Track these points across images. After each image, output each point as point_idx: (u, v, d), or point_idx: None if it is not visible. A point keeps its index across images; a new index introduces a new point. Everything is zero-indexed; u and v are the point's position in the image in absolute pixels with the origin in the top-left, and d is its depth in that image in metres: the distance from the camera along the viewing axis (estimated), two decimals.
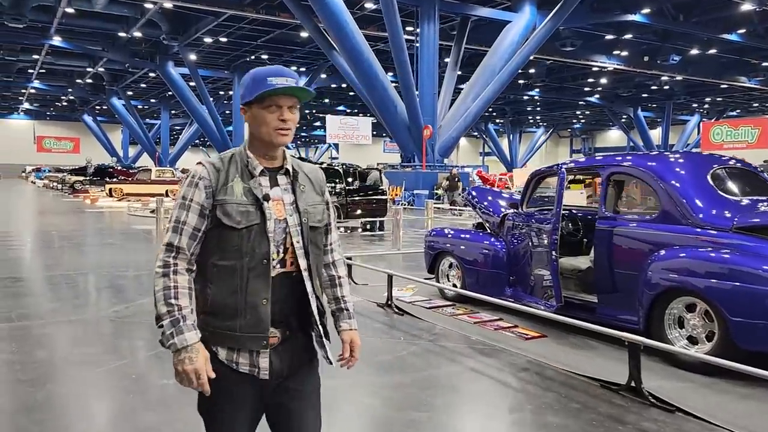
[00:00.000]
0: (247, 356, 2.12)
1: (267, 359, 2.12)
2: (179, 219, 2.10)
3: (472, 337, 6.06)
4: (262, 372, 2.12)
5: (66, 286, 8.70)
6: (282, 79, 2.12)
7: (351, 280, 8.76)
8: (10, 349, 5.59)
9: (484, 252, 7.30)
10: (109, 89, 52.57)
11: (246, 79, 2.19)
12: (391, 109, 28.25)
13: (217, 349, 2.12)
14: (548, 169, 7.16)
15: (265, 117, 2.13)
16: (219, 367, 2.10)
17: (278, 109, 2.13)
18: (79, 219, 20.54)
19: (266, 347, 2.11)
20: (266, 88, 2.10)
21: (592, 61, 40.99)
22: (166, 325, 2.03)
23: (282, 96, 2.13)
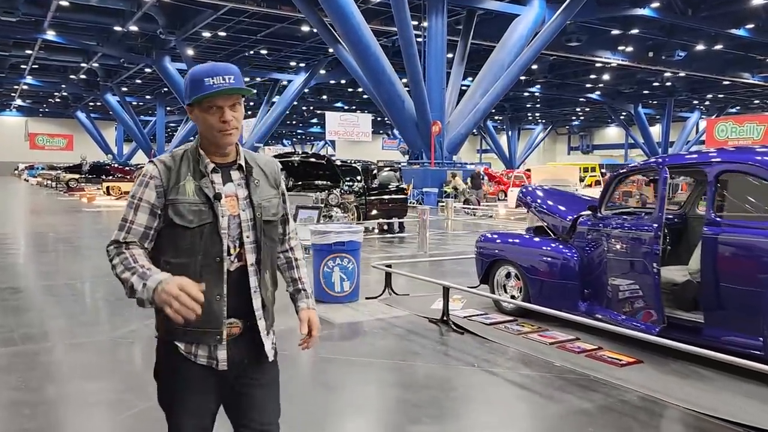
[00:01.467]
0: (205, 348, 2.14)
1: (225, 351, 2.14)
2: (126, 218, 2.11)
3: (557, 364, 5.18)
4: (220, 364, 2.14)
5: (71, 298, 7.78)
6: (218, 78, 2.08)
7: (390, 290, 7.89)
8: (15, 384, 4.69)
9: (551, 260, 6.43)
10: (103, 85, 51.47)
11: (185, 79, 2.15)
12: (398, 105, 27.39)
13: (176, 342, 2.14)
14: (637, 167, 6.27)
15: (207, 119, 2.10)
16: (179, 360, 2.14)
17: (219, 110, 2.09)
18: (76, 219, 19.56)
19: (221, 341, 2.13)
20: (203, 91, 2.07)
21: (597, 57, 40.37)
22: (135, 280, 2.00)
23: (220, 96, 2.08)
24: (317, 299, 7.63)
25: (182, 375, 2.15)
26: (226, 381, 2.19)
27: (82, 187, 34.84)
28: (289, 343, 5.75)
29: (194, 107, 2.12)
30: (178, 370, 2.15)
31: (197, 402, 2.18)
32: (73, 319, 6.72)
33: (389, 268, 8.01)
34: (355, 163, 14.81)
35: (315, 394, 4.74)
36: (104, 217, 20.45)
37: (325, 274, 7.50)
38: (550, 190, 7.72)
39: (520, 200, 7.59)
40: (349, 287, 7.59)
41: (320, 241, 7.48)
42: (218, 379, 2.17)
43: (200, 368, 2.14)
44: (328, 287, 7.52)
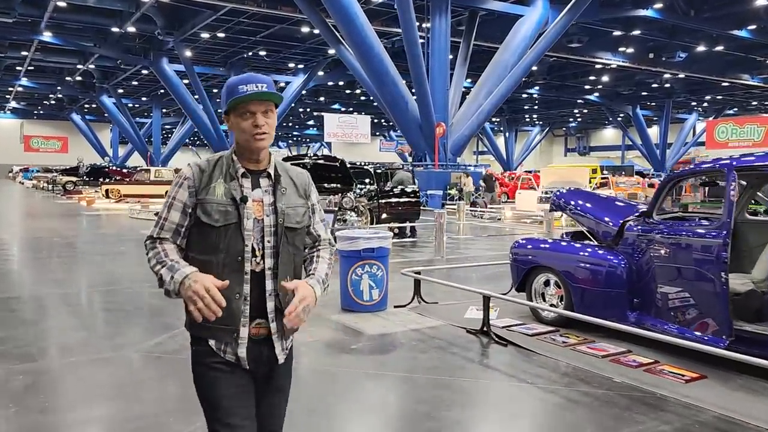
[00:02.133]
0: (231, 347, 2.23)
1: (244, 349, 2.23)
2: (161, 215, 2.27)
3: (616, 380, 4.87)
4: (242, 362, 2.24)
5: (87, 308, 7.43)
6: (251, 85, 2.22)
7: (420, 298, 7.57)
8: (40, 406, 4.34)
9: (597, 267, 6.12)
10: (99, 87, 51.00)
11: (223, 89, 2.31)
12: (401, 106, 27.08)
13: (208, 339, 2.25)
14: (698, 169, 5.96)
15: (240, 124, 2.23)
16: (209, 354, 2.25)
17: (252, 115, 2.22)
18: (78, 223, 19.18)
19: (237, 339, 2.22)
20: (237, 95, 2.21)
21: (598, 58, 40.22)
22: (164, 272, 2.14)
23: (253, 102, 2.22)
24: (345, 308, 7.35)
25: (212, 368, 2.26)
26: (256, 378, 2.31)
27: (79, 189, 34.38)
28: (330, 359, 5.44)
29: (230, 114, 2.27)
30: (208, 363, 2.26)
31: (231, 397, 2.26)
32: (93, 331, 6.38)
33: (418, 275, 7.68)
34: (367, 165, 14.44)
35: (362, 414, 4.41)
36: (106, 221, 20.06)
37: (353, 281, 7.18)
38: (588, 193, 7.43)
39: (554, 204, 7.27)
40: (378, 295, 7.27)
41: (348, 248, 7.15)
42: (247, 377, 2.28)
43: (230, 365, 2.25)
44: (356, 296, 7.19)
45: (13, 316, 7.00)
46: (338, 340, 6.08)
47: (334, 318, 6.93)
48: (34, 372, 5.05)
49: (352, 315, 7.05)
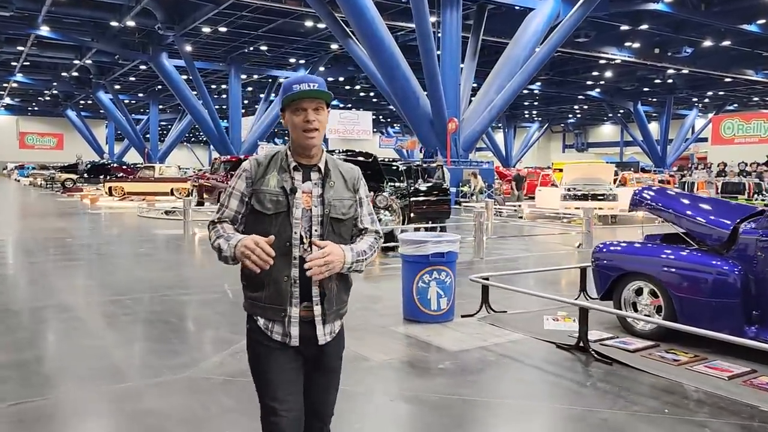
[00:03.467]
0: (280, 325, 2.44)
1: (297, 328, 2.44)
2: (223, 203, 2.54)
3: (763, 408, 4.25)
4: (292, 339, 2.44)
5: (125, 320, 6.74)
6: (304, 84, 2.44)
7: (488, 306, 6.94)
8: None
9: (704, 275, 5.50)
10: (95, 83, 50.13)
11: (282, 86, 2.51)
12: (412, 101, 26.44)
13: (257, 318, 2.49)
14: None
15: (294, 120, 2.46)
16: (259, 333, 2.48)
17: (303, 111, 2.44)
18: (87, 222, 18.45)
19: (287, 318, 2.43)
20: (291, 92, 2.44)
21: (603, 53, 39.72)
22: (221, 242, 2.43)
23: (304, 99, 2.44)
24: (409, 318, 6.71)
25: (263, 345, 2.45)
26: (303, 358, 2.48)
27: (80, 187, 33.56)
28: (421, 382, 4.75)
29: (286, 111, 2.48)
30: (260, 341, 2.46)
31: (280, 373, 2.44)
32: (141, 349, 5.72)
33: (486, 280, 7.04)
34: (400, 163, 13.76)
35: None
36: (115, 220, 19.30)
37: (420, 290, 6.54)
38: (680, 192, 6.80)
39: (637, 203, 6.63)
40: (446, 305, 6.63)
41: (415, 252, 6.51)
42: (296, 355, 2.46)
43: (277, 343, 2.44)
44: (423, 305, 6.55)
45: (45, 331, 6.34)
46: (418, 359, 5.43)
47: (401, 330, 6.29)
48: (104, 402, 4.39)
49: (419, 326, 6.42)
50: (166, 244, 13.45)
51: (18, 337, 6.03)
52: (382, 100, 56.66)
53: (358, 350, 5.56)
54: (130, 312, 7.00)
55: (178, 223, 17.11)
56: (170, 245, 13.25)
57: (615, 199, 18.80)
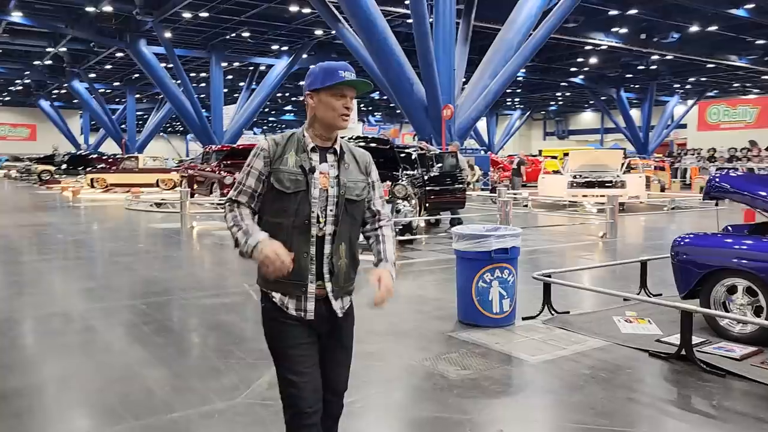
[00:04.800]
0: (294, 301, 2.53)
1: (312, 303, 2.53)
2: (241, 181, 2.57)
3: None
4: (308, 314, 2.53)
5: (148, 330, 5.93)
6: (349, 73, 2.54)
7: (550, 307, 6.24)
8: None
9: None
10: (70, 71, 48.47)
11: (315, 70, 2.58)
12: (407, 88, 25.59)
13: (272, 294, 2.55)
14: None
15: (334, 103, 2.53)
16: (275, 309, 2.56)
17: (343, 98, 2.55)
18: (74, 217, 17.45)
19: (306, 294, 2.51)
20: (339, 79, 2.50)
21: (591, 39, 39.23)
22: (240, 236, 2.48)
23: (349, 87, 2.55)
24: (466, 322, 5.99)
25: (279, 321, 2.55)
26: (317, 333, 2.58)
27: (58, 179, 32.30)
28: (532, 410, 3.96)
29: (320, 93, 2.53)
30: (276, 318, 2.55)
31: (296, 347, 2.53)
32: (175, 366, 4.92)
33: (548, 278, 6.33)
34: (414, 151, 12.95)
35: None
36: (102, 214, 18.29)
37: (480, 290, 5.82)
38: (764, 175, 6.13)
39: (716, 190, 5.96)
40: (508, 306, 5.93)
41: (474, 248, 5.78)
42: (310, 330, 2.55)
43: (292, 318, 2.53)
44: (483, 307, 5.84)
45: (55, 345, 5.52)
46: (504, 374, 4.71)
47: (464, 337, 5.58)
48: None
49: (480, 331, 5.71)
50: (165, 239, 12.56)
51: (24, 355, 5.22)
52: None
53: (428, 364, 4.83)
54: (150, 320, 6.19)
55: (171, 216, 16.25)
56: (170, 240, 12.37)
57: (624, 186, 18.21)
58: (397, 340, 5.55)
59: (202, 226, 14.30)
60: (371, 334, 5.68)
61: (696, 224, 14.77)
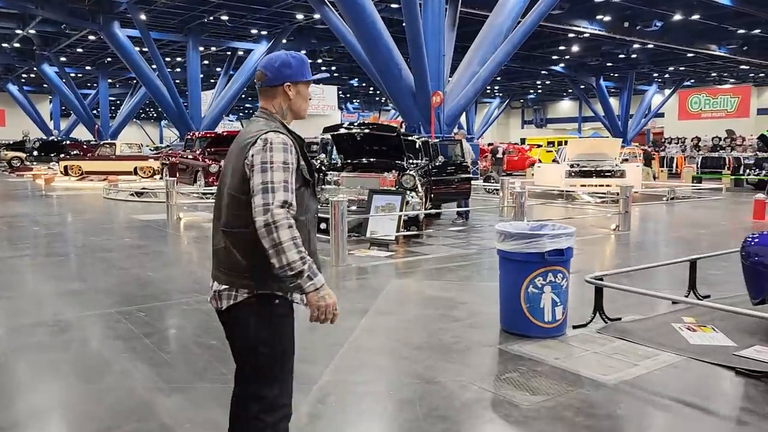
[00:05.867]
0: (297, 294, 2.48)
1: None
2: (286, 180, 2.39)
3: None
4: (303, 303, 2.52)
5: (151, 343, 5.17)
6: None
7: (602, 314, 5.61)
8: None
9: None
10: (39, 54, 46.87)
11: (292, 61, 2.64)
12: (395, 74, 24.75)
13: (279, 292, 2.48)
14: None
15: (307, 95, 2.67)
16: (283, 306, 2.51)
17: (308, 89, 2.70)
18: (49, 207, 16.47)
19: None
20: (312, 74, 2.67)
21: (575, 26, 38.80)
22: (305, 269, 2.32)
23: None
24: (514, 332, 5.31)
25: (290, 318, 2.54)
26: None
27: (29, 166, 31.03)
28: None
29: (299, 85, 2.62)
30: (287, 314, 2.53)
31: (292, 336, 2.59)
32: (190, 392, 4.17)
33: (600, 281, 5.68)
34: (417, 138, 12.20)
35: None
36: (79, 203, 17.29)
37: (531, 296, 5.15)
38: None
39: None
40: (561, 314, 5.26)
41: (525, 249, 5.09)
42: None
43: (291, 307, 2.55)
44: (534, 315, 5.18)
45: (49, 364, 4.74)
46: (581, 401, 4.02)
47: (515, 350, 4.91)
48: None
49: (532, 343, 5.05)
50: (152, 232, 11.68)
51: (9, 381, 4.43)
52: (343, 75, 54.83)
53: (488, 387, 4.14)
54: (151, 330, 5.42)
55: (154, 206, 15.38)
56: (158, 234, 11.51)
57: (623, 175, 17.69)
58: (441, 356, 4.85)
59: (190, 217, 13.45)
60: (410, 348, 4.99)
61: (704, 215, 14.29)
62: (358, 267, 8.30)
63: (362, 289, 7.17)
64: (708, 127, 44.49)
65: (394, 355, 4.84)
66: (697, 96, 48.47)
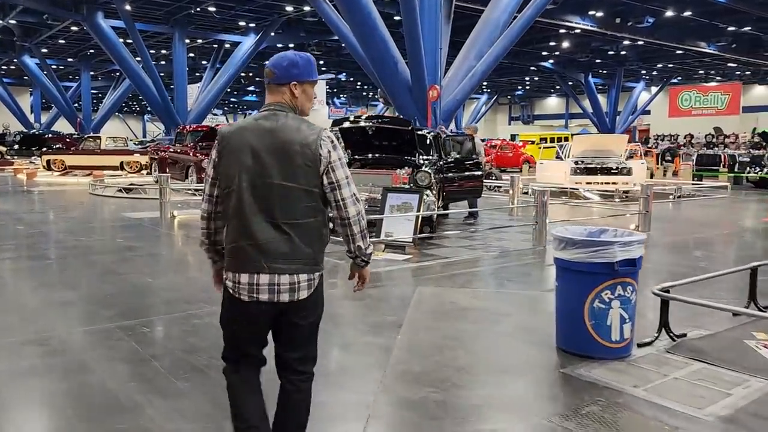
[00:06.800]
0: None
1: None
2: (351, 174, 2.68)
3: None
4: None
5: (161, 367, 4.48)
6: None
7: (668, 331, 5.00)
8: None
9: None
10: (20, 45, 45.64)
11: (301, 61, 2.71)
12: (390, 67, 24.11)
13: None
14: None
15: (311, 95, 2.75)
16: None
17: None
18: (32, 204, 15.62)
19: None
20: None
21: (566, 21, 38.41)
22: (370, 247, 2.73)
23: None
24: (574, 351, 4.67)
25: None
26: None
27: (9, 160, 30.01)
28: None
29: (306, 84, 2.71)
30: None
31: None
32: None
33: (667, 293, 5.05)
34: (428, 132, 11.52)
35: None
36: (63, 200, 16.46)
37: (597, 312, 4.52)
38: None
39: None
40: (629, 332, 4.64)
41: (591, 258, 4.45)
42: None
43: None
44: (600, 334, 4.55)
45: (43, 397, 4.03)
46: None
47: (584, 376, 4.27)
48: None
49: (599, 366, 4.42)
50: (145, 232, 10.91)
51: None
52: (332, 69, 54.07)
53: (571, 427, 3.50)
54: (160, 351, 4.73)
55: (143, 203, 14.60)
56: (152, 233, 10.75)
57: (629, 173, 17.15)
58: (499, 382, 4.21)
59: (184, 215, 12.69)
60: (461, 372, 4.34)
61: (718, 215, 13.78)
62: (376, 272, 7.63)
63: (387, 298, 6.50)
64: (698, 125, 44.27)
65: (446, 382, 4.19)
66: (687, 93, 48.30)
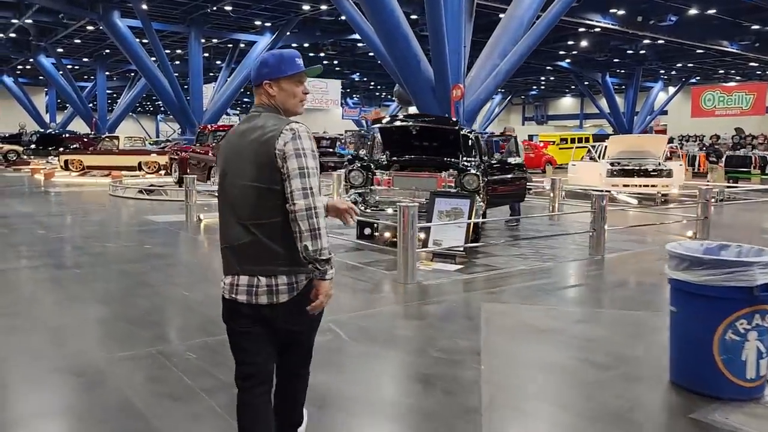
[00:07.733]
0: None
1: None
2: (316, 167, 2.57)
3: None
4: None
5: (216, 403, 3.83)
6: (301, 60, 2.71)
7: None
8: None
9: None
10: (36, 45, 45.33)
11: (270, 59, 2.67)
12: (413, 66, 23.45)
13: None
14: None
15: (296, 90, 2.67)
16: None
17: (301, 84, 2.70)
18: (51, 205, 15.08)
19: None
20: (299, 68, 2.66)
21: (587, 20, 37.73)
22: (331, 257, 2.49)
23: (306, 74, 2.71)
24: (698, 390, 3.99)
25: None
26: None
27: (27, 160, 29.54)
28: None
29: (281, 81, 2.64)
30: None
31: None
32: None
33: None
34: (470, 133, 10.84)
35: None
36: (83, 201, 15.89)
37: (729, 345, 3.85)
38: None
39: None
40: (765, 369, 3.94)
41: (725, 282, 3.77)
42: None
43: None
44: (731, 370, 3.88)
45: None
46: None
47: (718, 422, 3.63)
48: None
49: (737, 411, 3.78)
50: (172, 237, 10.30)
51: None
52: (346, 69, 53.46)
53: None
54: (212, 384, 4.07)
55: (166, 205, 14.01)
56: (180, 239, 10.15)
57: (670, 175, 16.38)
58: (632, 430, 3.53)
59: (211, 218, 12.07)
60: (570, 414, 3.67)
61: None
62: (429, 285, 6.97)
63: (451, 316, 5.85)
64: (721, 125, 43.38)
65: (558, 426, 3.52)
66: (711, 93, 47.34)
